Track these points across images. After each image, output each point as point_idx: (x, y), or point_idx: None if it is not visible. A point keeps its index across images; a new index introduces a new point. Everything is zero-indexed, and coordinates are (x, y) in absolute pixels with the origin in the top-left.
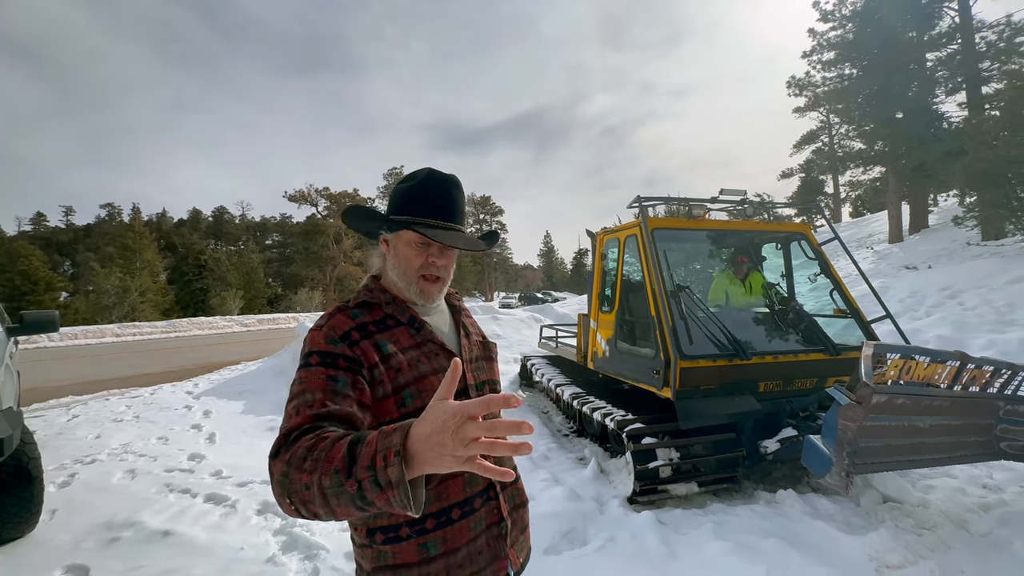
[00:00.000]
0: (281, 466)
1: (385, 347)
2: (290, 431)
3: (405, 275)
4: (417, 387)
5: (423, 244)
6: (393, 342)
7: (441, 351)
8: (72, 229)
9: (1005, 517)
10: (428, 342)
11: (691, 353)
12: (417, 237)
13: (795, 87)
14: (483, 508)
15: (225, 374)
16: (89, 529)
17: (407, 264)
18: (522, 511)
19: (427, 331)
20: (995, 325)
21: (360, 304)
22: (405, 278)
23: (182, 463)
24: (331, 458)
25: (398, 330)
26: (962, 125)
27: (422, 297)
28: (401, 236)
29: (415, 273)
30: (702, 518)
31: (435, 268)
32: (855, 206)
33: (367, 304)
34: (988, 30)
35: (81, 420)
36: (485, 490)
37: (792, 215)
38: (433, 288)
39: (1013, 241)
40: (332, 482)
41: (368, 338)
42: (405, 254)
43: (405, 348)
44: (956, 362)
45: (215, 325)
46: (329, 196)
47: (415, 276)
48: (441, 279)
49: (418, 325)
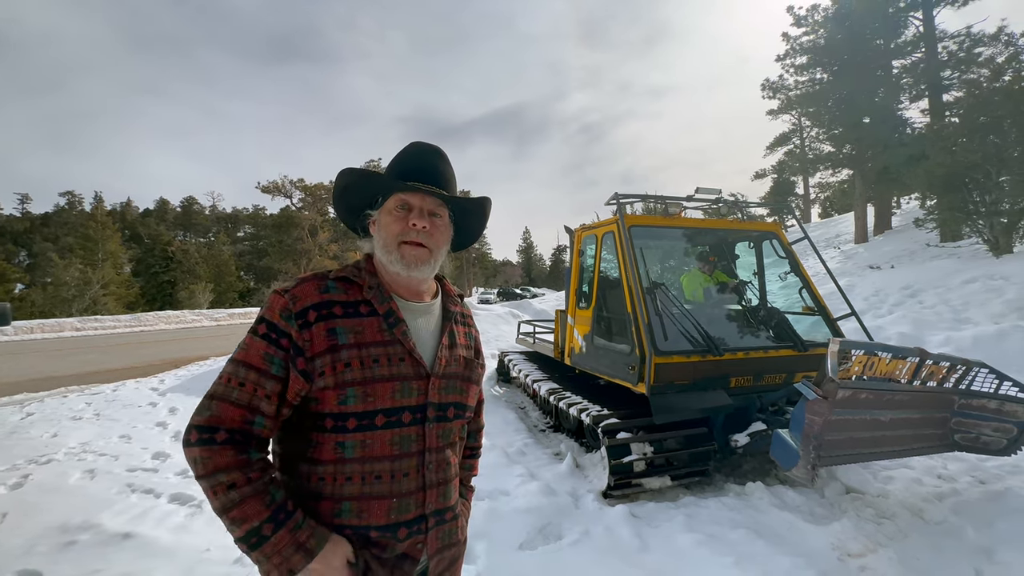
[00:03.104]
0: (202, 468)
1: (341, 336)
2: (214, 426)
3: (386, 245)
4: (365, 389)
5: (403, 208)
6: (354, 333)
7: (408, 357)
8: (28, 218)
9: (958, 506)
10: (396, 343)
11: (666, 349)
12: (396, 203)
13: (769, 89)
14: (407, 540)
15: (193, 370)
16: (43, 532)
17: (387, 231)
18: (454, 550)
19: (400, 330)
20: (951, 323)
21: (341, 278)
22: (386, 248)
23: (145, 462)
24: (245, 516)
25: (368, 320)
26: (924, 131)
27: (403, 264)
28: (384, 208)
29: (395, 239)
30: (674, 511)
31: (415, 232)
32: (824, 207)
33: (347, 280)
34: (950, 40)
35: (36, 418)
36: (415, 520)
37: (764, 215)
38: (416, 254)
39: (969, 243)
40: (235, 528)
41: (324, 320)
42: (385, 222)
43: (366, 343)
44: (916, 358)
45: (183, 319)
46: (304, 188)
47: (395, 243)
48: (425, 246)
49: (393, 321)
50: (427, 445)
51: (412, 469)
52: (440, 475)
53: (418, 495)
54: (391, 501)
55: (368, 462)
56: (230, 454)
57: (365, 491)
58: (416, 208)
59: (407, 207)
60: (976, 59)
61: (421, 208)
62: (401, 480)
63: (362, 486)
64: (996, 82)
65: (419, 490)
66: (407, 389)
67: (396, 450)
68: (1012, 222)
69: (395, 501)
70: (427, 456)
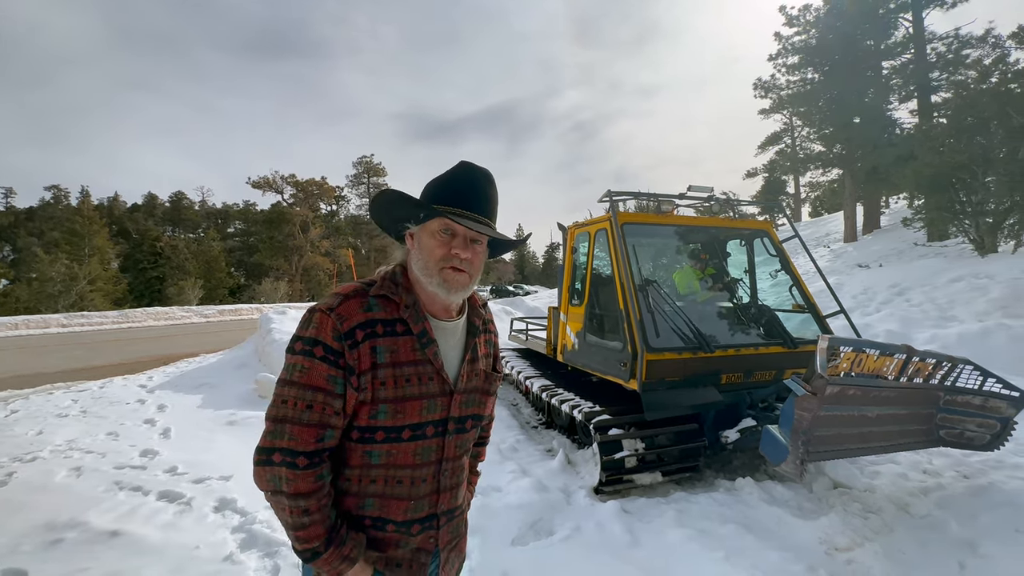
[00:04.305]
0: (287, 487)
1: (380, 355)
2: (295, 450)
3: (427, 267)
4: (395, 407)
5: (447, 233)
6: (390, 352)
7: (436, 376)
8: (12, 212)
9: (942, 500)
10: (427, 363)
11: (657, 346)
12: (441, 226)
13: (761, 88)
14: (419, 536)
15: (182, 366)
16: (28, 531)
17: (429, 254)
18: (462, 540)
19: (432, 351)
20: (937, 321)
21: (381, 295)
22: (427, 270)
23: (133, 460)
24: (309, 537)
25: (403, 339)
26: (913, 131)
27: (445, 288)
28: (426, 227)
29: (437, 264)
30: (665, 506)
31: (459, 260)
32: (814, 206)
33: (387, 298)
34: (939, 42)
35: (21, 415)
36: (427, 518)
37: (756, 213)
38: (459, 279)
39: (955, 242)
40: (297, 543)
41: (370, 340)
42: (428, 245)
43: (400, 363)
44: (903, 355)
45: (172, 315)
46: (295, 183)
47: (437, 267)
48: (466, 272)
49: (425, 341)
50: (445, 455)
51: (430, 476)
52: (454, 480)
53: (432, 497)
54: (408, 503)
55: (392, 468)
56: (311, 480)
57: (387, 492)
58: (460, 235)
59: (451, 232)
60: (964, 61)
61: (465, 236)
62: (419, 485)
63: (384, 487)
64: (983, 84)
65: (433, 493)
66: (432, 406)
67: (418, 460)
68: (997, 222)
69: (412, 503)
70: (444, 464)
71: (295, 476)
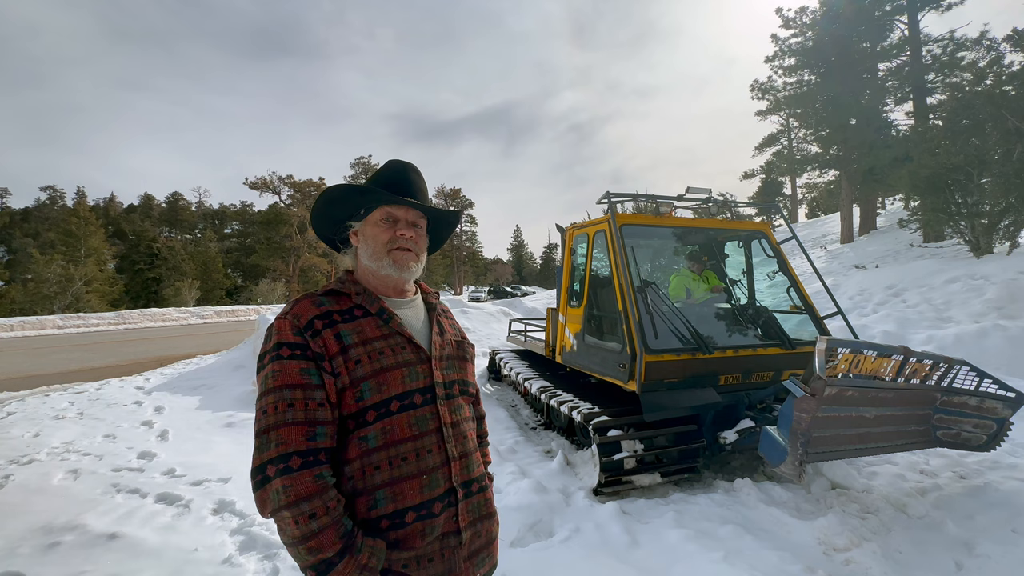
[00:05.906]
0: (284, 498)
1: (346, 337)
2: (286, 453)
3: (375, 253)
4: (377, 380)
5: (389, 220)
6: (356, 332)
7: (408, 344)
8: (8, 213)
9: (939, 501)
10: (395, 334)
11: (656, 347)
12: (382, 215)
13: (758, 90)
14: (442, 515)
15: (179, 368)
16: (25, 534)
17: (375, 241)
18: (487, 523)
19: (395, 323)
20: (934, 321)
21: (328, 292)
22: (376, 255)
23: (131, 462)
24: (321, 546)
25: (365, 321)
26: (908, 133)
27: (396, 267)
28: (368, 220)
29: (384, 247)
30: (664, 507)
31: (404, 240)
32: (811, 207)
33: (335, 292)
34: (934, 44)
35: (17, 417)
36: (446, 494)
37: (753, 215)
38: (406, 258)
39: (951, 244)
40: (308, 557)
41: (331, 327)
42: (373, 233)
43: (369, 339)
44: (900, 356)
45: (168, 317)
46: (293, 184)
47: (385, 250)
48: (413, 251)
49: (387, 317)
50: (443, 421)
51: (434, 445)
52: (460, 447)
53: (444, 468)
54: (422, 478)
55: (392, 446)
56: (309, 480)
57: (395, 475)
58: (402, 219)
59: (392, 219)
60: (959, 63)
61: (406, 219)
62: (426, 456)
63: (391, 470)
64: (978, 86)
65: (444, 464)
66: (414, 373)
67: (415, 430)
68: (992, 223)
69: (425, 477)
70: (445, 431)
71: (291, 480)
